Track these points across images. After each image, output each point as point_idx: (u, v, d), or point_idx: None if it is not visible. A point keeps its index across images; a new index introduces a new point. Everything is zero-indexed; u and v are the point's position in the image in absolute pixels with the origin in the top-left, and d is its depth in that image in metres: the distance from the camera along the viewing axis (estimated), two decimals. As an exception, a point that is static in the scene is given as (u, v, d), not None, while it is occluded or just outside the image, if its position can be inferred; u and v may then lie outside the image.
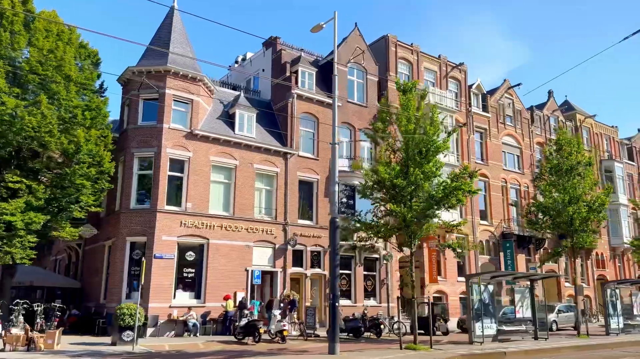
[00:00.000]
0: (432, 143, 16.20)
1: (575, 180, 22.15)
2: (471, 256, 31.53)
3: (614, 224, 41.74)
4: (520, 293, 18.89)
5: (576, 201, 21.56)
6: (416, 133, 16.18)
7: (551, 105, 40.35)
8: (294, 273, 23.96)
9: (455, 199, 16.37)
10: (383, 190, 16.57)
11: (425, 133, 16.29)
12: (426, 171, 16.09)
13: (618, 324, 21.26)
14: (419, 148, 16.29)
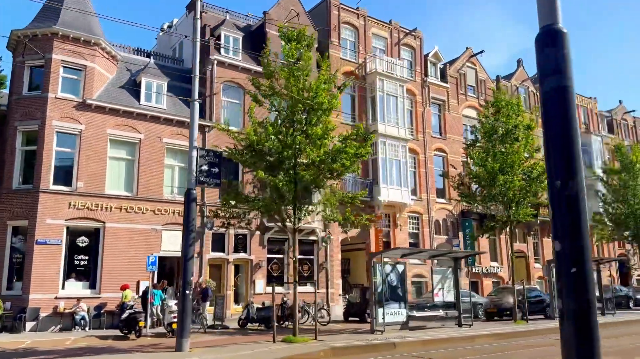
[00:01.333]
0: (318, 101, 13.62)
1: (508, 145, 19.67)
2: (425, 237, 29.21)
3: (591, 199, 39.30)
4: (441, 273, 16.48)
5: (510, 169, 19.10)
6: (300, 88, 13.62)
7: (520, 74, 37.70)
8: (214, 258, 21.64)
9: (340, 164, 13.87)
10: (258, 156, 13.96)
11: (309, 89, 13.72)
12: (311, 134, 13.58)
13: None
14: (303, 107, 13.75)
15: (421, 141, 30.39)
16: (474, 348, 12.16)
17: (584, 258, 2.74)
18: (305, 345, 11.51)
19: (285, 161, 13.44)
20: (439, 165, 31.41)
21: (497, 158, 19.32)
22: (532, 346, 12.32)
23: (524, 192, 19.79)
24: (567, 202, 2.74)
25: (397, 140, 27.92)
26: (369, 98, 28.15)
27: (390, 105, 28.29)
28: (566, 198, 2.72)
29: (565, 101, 3.04)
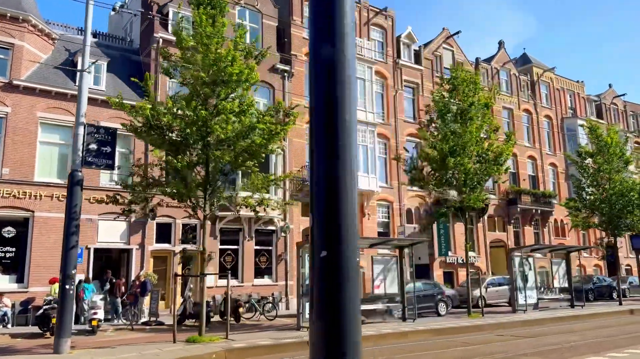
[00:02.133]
0: (228, 71, 12.15)
1: (459, 125, 18.25)
2: (396, 226, 27.89)
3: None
4: (383, 264, 15.14)
5: (462, 151, 17.70)
6: (213, 59, 12.18)
7: (501, 57, 36.13)
8: (158, 250, 20.39)
9: (251, 142, 12.46)
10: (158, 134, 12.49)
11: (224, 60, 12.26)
12: (221, 109, 12.13)
13: (526, 299, 17.62)
14: (215, 78, 12.32)
15: (393, 126, 28.97)
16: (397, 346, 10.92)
17: (339, 239, 2.11)
18: (204, 346, 10.28)
19: (190, 139, 12.05)
20: (412, 151, 29.98)
21: (447, 139, 17.94)
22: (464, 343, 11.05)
23: (479, 176, 18.44)
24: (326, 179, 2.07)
25: (364, 125, 26.51)
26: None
27: (357, 88, 26.83)
28: (324, 174, 2.10)
29: (333, 77, 2.22)
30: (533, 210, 33.67)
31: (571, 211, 23.91)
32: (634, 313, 17.87)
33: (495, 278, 25.46)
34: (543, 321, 15.21)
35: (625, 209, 21.49)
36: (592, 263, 38.36)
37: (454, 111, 18.85)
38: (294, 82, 25.31)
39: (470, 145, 17.82)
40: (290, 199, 24.06)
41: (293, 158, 24.53)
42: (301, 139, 25.12)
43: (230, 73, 11.91)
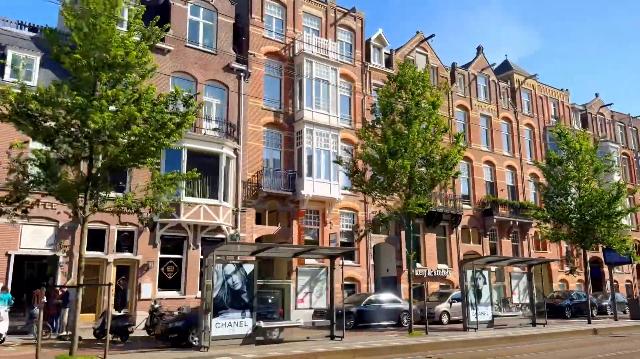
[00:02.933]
0: (112, 53, 10.71)
1: (402, 125, 16.88)
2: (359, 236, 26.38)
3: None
4: (311, 275, 13.66)
5: (403, 152, 16.33)
6: (103, 42, 10.80)
7: (479, 63, 34.93)
8: (90, 258, 18.85)
9: (138, 135, 10.88)
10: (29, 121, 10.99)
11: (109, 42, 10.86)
12: (102, 96, 10.58)
13: (477, 316, 16.08)
14: (100, 62, 10.90)
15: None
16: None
17: None
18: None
19: (65, 130, 10.65)
20: (381, 157, 28.64)
21: (387, 139, 16.58)
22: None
23: (426, 181, 17.07)
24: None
25: (327, 129, 25.19)
26: (296, 82, 25.47)
27: (321, 91, 25.60)
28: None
29: None
30: (511, 222, 32.19)
31: (539, 223, 22.44)
32: (597, 333, 16.38)
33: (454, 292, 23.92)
34: (489, 341, 13.72)
35: (594, 220, 20.07)
36: (575, 279, 36.74)
37: (399, 110, 17.52)
38: (252, 82, 24.05)
39: (412, 146, 16.44)
40: (244, 206, 22.81)
41: (248, 163, 23.18)
42: (257, 142, 23.80)
43: (114, 55, 10.57)
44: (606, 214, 20.14)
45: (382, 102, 17.71)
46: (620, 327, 18.41)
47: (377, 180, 17.51)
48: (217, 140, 21.65)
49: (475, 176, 32.41)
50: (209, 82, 22.75)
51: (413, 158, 16.69)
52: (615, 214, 20.23)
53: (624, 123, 45.68)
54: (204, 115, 22.29)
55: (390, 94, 17.83)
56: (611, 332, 16.58)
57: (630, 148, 45.16)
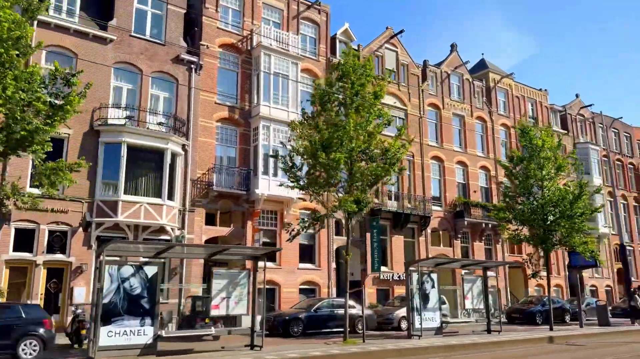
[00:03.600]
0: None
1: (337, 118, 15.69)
2: (322, 237, 25.22)
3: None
4: (228, 278, 12.38)
5: (338, 146, 15.12)
6: None
7: (453, 60, 33.92)
8: (16, 260, 17.61)
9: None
10: None
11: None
12: None
13: (421, 322, 14.85)
14: None
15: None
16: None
17: None
18: None
19: None
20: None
21: (319, 130, 15.40)
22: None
23: (367, 177, 15.92)
24: None
25: (284, 125, 23.96)
26: (254, 76, 24.31)
27: (280, 86, 24.43)
28: None
29: None
30: (483, 224, 31.08)
31: (502, 224, 21.33)
32: (553, 341, 15.22)
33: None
34: (428, 350, 12.53)
35: (556, 221, 18.91)
36: (553, 283, 35.66)
37: (339, 100, 16.35)
38: (205, 75, 22.86)
39: (348, 138, 15.24)
40: (192, 206, 21.58)
41: (198, 160, 21.96)
42: (209, 138, 22.59)
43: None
44: (568, 215, 19.04)
45: (319, 91, 16.52)
46: (582, 335, 17.27)
47: (312, 175, 16.30)
48: (162, 135, 20.41)
49: (447, 177, 31.32)
50: (156, 74, 21.54)
51: (350, 151, 15.49)
52: (577, 215, 19.14)
53: (605, 125, 44.80)
54: (149, 108, 21.06)
55: (330, 84, 16.66)
56: (568, 340, 15.44)
57: (611, 150, 44.24)
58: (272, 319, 18.68)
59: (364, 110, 16.25)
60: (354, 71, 16.45)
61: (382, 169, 16.05)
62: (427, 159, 30.66)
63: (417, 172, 29.97)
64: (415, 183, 29.68)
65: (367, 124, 16.17)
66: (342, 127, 15.29)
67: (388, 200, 28.12)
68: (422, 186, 29.88)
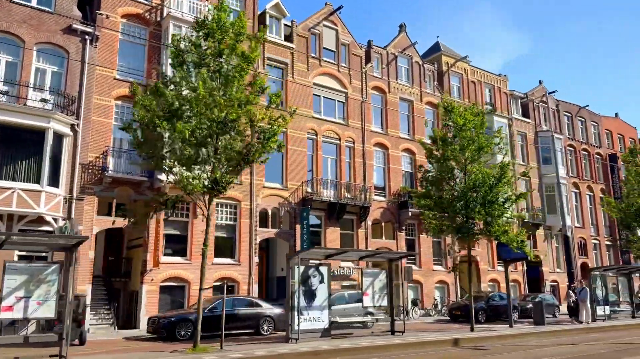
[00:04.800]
0: None
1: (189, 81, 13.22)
2: (243, 229, 22.98)
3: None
4: (30, 273, 9.90)
5: (197, 114, 12.62)
6: None
7: (401, 42, 31.79)
8: None
9: None
10: None
11: None
12: None
13: (299, 324, 12.59)
14: None
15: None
16: None
17: None
18: None
19: None
20: (274, 141, 25.21)
21: (162, 95, 13.02)
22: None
23: (233, 153, 13.66)
24: None
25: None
26: (163, 50, 21.95)
27: (193, 61, 22.04)
28: None
29: None
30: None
31: (423, 212, 19.25)
32: (459, 344, 13.09)
33: (347, 292, 20.60)
34: (286, 357, 10.34)
35: (473, 208, 16.70)
36: (510, 278, 33.68)
37: (204, 63, 13.99)
38: (103, 48, 20.48)
39: (201, 106, 12.89)
40: (82, 193, 19.20)
41: (90, 142, 19.59)
42: (106, 118, 20.22)
43: None
44: (489, 200, 16.95)
45: (173, 51, 14.10)
46: (501, 336, 15.14)
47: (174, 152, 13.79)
48: (42, 113, 17.96)
49: (392, 165, 29.22)
50: (41, 46, 19.12)
51: (211, 123, 13.14)
52: (498, 200, 17.01)
53: (571, 114, 43.04)
54: (32, 83, 18.64)
55: (194, 45, 14.28)
56: (477, 343, 13.33)
57: (577, 139, 42.50)
58: (157, 320, 16.42)
59: (233, 75, 13.89)
60: (220, 28, 14.15)
61: (252, 146, 13.80)
62: (370, 146, 28.52)
63: (358, 159, 27.82)
64: (355, 171, 27.54)
65: (238, 92, 13.84)
66: (198, 97, 12.94)
67: (323, 189, 25.95)
68: (363, 174, 27.76)
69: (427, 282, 28.84)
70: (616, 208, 27.62)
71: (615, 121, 48.08)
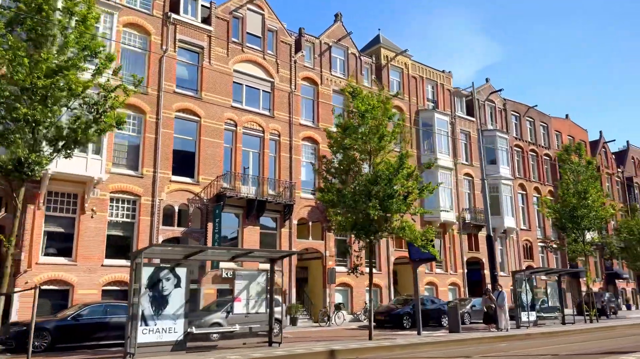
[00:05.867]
0: None
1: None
2: (143, 228, 20.73)
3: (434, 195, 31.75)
4: None
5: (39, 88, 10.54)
6: None
7: (336, 31, 30.13)
8: None
9: None
10: None
11: None
12: None
13: (136, 336, 10.40)
14: None
15: (153, 96, 22.03)
16: None
17: None
18: None
19: None
20: (187, 131, 23.09)
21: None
22: None
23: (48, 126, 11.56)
24: None
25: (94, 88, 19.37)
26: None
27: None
28: None
29: None
30: (361, 215, 27.24)
31: (327, 209, 17.38)
32: (334, 355, 11.24)
33: (225, 298, 18.52)
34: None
35: (372, 202, 14.82)
36: (448, 281, 32.40)
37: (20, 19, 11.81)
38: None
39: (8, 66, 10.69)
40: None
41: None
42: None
43: None
44: (389, 194, 15.22)
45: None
46: (390, 346, 13.11)
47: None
48: None
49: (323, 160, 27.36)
50: None
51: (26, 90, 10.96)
52: (397, 194, 15.29)
53: (519, 113, 42.24)
54: None
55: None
56: (359, 356, 11.44)
57: (524, 140, 41.70)
58: (7, 329, 14.05)
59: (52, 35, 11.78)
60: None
61: (81, 120, 11.72)
62: (298, 140, 26.66)
63: (284, 154, 25.90)
64: (280, 166, 25.62)
65: (59, 54, 11.73)
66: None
67: (243, 185, 23.90)
68: (290, 170, 25.87)
69: (358, 285, 27.07)
70: (552, 209, 26.46)
71: (566, 122, 47.67)
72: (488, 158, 37.02)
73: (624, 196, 51.69)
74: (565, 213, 25.07)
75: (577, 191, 24.83)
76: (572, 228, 25.01)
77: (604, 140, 51.69)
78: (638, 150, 55.99)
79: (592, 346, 13.08)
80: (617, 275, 45.64)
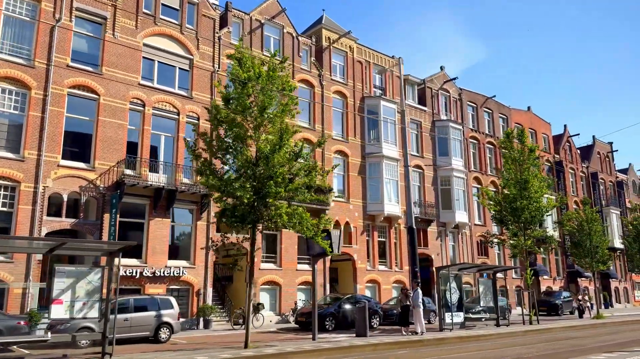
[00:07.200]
0: None
1: None
2: (23, 218, 18.06)
3: (375, 187, 29.74)
4: None
5: None
6: None
7: (269, 8, 27.73)
8: None
9: None
10: None
11: None
12: None
13: None
14: None
15: (41, 69, 19.35)
16: None
17: None
18: None
19: None
20: (82, 110, 20.43)
21: None
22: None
23: None
24: None
25: None
26: None
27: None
28: None
29: None
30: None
31: (212, 195, 14.92)
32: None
33: (132, 298, 16.08)
34: None
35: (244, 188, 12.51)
36: (393, 278, 30.27)
37: None
38: None
39: None
40: None
41: None
42: None
43: None
44: (267, 176, 12.89)
45: None
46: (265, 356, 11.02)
47: None
48: None
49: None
50: None
51: None
52: (284, 178, 12.98)
53: (476, 104, 40.41)
54: None
55: None
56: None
57: (481, 132, 39.87)
58: None
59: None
60: None
61: None
62: (221, 124, 24.14)
63: (203, 139, 23.36)
64: (198, 152, 23.07)
65: None
66: None
67: (151, 172, 21.36)
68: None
69: (287, 283, 24.75)
70: (493, 200, 24.49)
71: (527, 114, 46.07)
72: (440, 150, 35.12)
73: (589, 193, 50.33)
74: (506, 205, 23.13)
75: (518, 181, 22.92)
76: (512, 221, 23.07)
77: (569, 134, 50.31)
78: (604, 145, 54.83)
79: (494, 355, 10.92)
80: (578, 274, 44.19)
